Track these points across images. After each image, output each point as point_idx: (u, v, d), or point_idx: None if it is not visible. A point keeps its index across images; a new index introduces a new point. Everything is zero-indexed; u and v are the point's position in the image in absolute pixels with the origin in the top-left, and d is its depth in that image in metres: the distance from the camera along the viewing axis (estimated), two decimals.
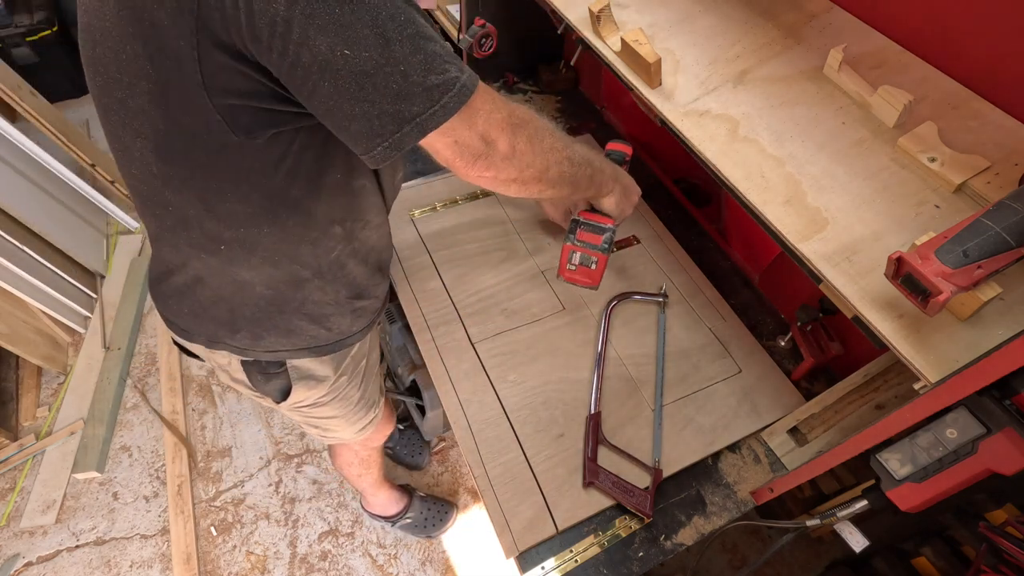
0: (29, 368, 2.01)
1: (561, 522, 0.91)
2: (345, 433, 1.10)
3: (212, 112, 0.57)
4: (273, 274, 0.76)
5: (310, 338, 0.85)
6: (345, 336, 0.89)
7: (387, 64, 0.52)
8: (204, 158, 0.62)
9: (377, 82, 0.53)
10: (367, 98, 0.54)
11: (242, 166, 0.63)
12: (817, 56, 0.89)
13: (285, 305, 0.80)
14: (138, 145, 0.63)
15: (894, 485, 0.67)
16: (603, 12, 0.96)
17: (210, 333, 0.82)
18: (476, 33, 1.50)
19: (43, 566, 1.65)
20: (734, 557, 1.61)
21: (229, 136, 0.59)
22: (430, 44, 0.55)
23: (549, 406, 1.03)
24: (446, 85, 0.56)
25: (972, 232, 0.57)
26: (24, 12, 2.62)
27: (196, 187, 0.65)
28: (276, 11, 0.48)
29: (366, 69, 0.52)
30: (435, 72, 0.55)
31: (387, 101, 0.54)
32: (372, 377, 1.06)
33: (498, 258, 1.24)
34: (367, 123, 0.55)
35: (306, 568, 1.65)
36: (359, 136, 0.57)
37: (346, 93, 0.53)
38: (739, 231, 1.28)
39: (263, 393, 0.91)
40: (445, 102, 0.56)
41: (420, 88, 0.55)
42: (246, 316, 0.79)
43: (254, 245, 0.71)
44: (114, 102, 0.61)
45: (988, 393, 0.59)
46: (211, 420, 1.94)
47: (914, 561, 1.21)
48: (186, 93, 0.56)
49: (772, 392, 1.07)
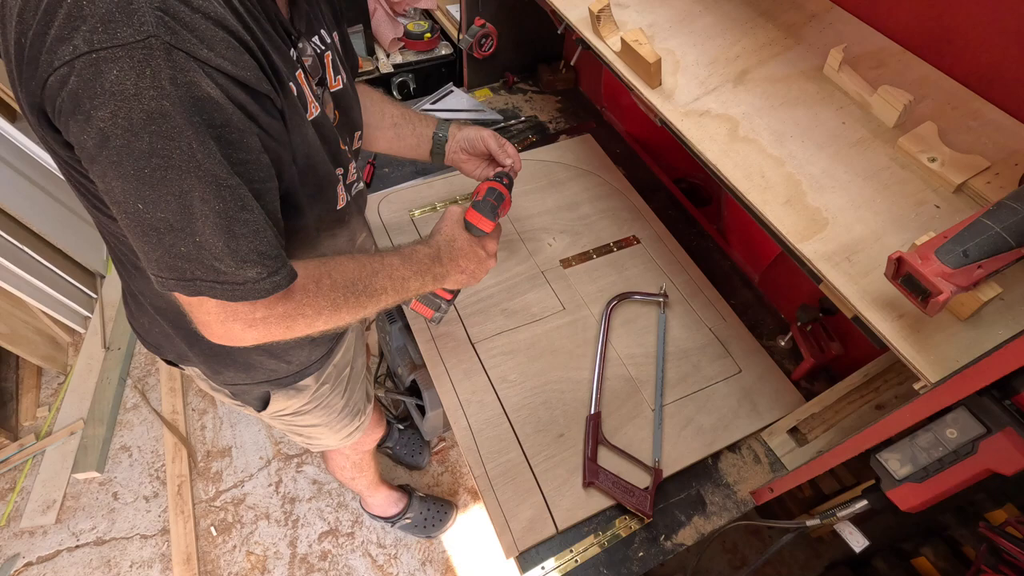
0: (29, 368, 2.01)
1: (561, 522, 0.91)
2: (330, 441, 1.10)
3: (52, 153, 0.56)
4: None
5: (270, 371, 0.84)
6: (305, 367, 0.88)
7: (182, 231, 0.51)
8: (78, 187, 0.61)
9: (165, 240, 0.51)
10: (150, 244, 0.52)
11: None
12: (817, 56, 0.89)
13: None
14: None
15: (894, 485, 0.67)
16: (603, 12, 0.96)
17: (178, 351, 0.83)
18: (476, 33, 1.50)
19: (43, 566, 1.65)
20: (734, 557, 1.61)
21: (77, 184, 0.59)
22: (240, 241, 0.53)
23: (549, 406, 1.03)
24: (234, 278, 0.54)
25: (972, 232, 0.57)
26: None
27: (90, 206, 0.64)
28: (85, 142, 0.48)
29: (157, 227, 0.51)
30: (227, 263, 0.53)
31: (170, 256, 0.53)
32: (357, 384, 1.05)
33: (498, 258, 1.24)
34: (146, 258, 0.54)
35: (306, 568, 1.65)
36: (142, 260, 0.55)
37: (133, 232, 0.52)
38: (739, 231, 1.28)
39: (243, 402, 0.91)
40: (226, 288, 0.55)
41: (208, 264, 0.53)
42: (201, 350, 0.79)
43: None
44: None
45: (988, 393, 0.59)
46: (211, 420, 1.94)
47: (914, 561, 1.21)
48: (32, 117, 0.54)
49: (772, 392, 1.07)
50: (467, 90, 1.68)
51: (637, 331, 1.14)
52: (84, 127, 0.47)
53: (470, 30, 1.50)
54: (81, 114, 0.46)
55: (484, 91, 1.68)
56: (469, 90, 1.68)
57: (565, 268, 1.23)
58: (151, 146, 0.47)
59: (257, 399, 0.90)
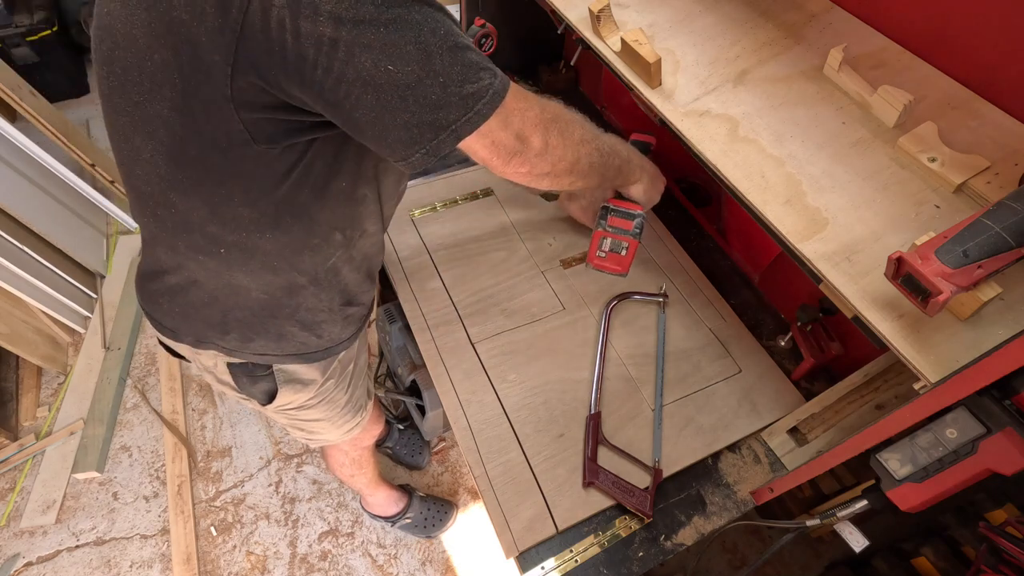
0: (29, 368, 2.01)
1: (561, 522, 0.91)
2: (331, 436, 1.10)
3: (236, 122, 0.58)
4: (271, 280, 0.76)
5: (300, 344, 0.85)
6: (335, 343, 0.89)
7: (428, 76, 0.55)
8: (218, 164, 0.63)
9: (418, 94, 0.55)
10: (408, 109, 0.56)
11: (255, 173, 0.64)
12: (817, 56, 0.89)
13: (279, 311, 0.80)
14: (149, 147, 0.64)
15: (894, 485, 0.67)
16: (603, 12, 0.96)
17: (198, 333, 0.82)
18: (476, 33, 1.50)
19: (43, 566, 1.65)
20: (734, 557, 1.61)
21: (249, 145, 0.60)
22: (466, 54, 0.58)
23: (549, 406, 1.03)
24: (480, 92, 0.59)
25: (972, 232, 0.57)
26: (24, 12, 2.62)
27: (204, 191, 0.66)
28: (323, 32, 0.50)
29: (408, 82, 0.55)
30: (470, 81, 0.58)
31: (426, 111, 0.57)
32: (360, 381, 1.06)
33: (498, 258, 1.24)
34: (407, 132, 0.58)
35: (306, 568, 1.65)
36: (397, 144, 0.59)
37: (388, 105, 0.55)
38: (739, 231, 1.28)
39: (248, 395, 0.91)
40: (479, 108, 0.59)
41: (457, 97, 0.57)
42: (238, 319, 0.80)
43: (254, 250, 0.72)
44: (128, 104, 0.62)
45: (988, 393, 0.59)
46: (211, 420, 1.94)
47: (914, 561, 1.21)
48: (212, 103, 0.57)
49: (772, 392, 1.07)
50: None
51: (637, 331, 1.14)
52: (314, 20, 0.50)
53: (470, 30, 1.50)
54: (306, 8, 0.49)
55: None
56: None
57: (565, 268, 1.23)
58: (375, 5, 0.51)
59: (263, 392, 0.90)
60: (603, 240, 1.02)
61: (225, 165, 0.63)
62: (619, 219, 1.00)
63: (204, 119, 0.59)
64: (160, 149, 0.63)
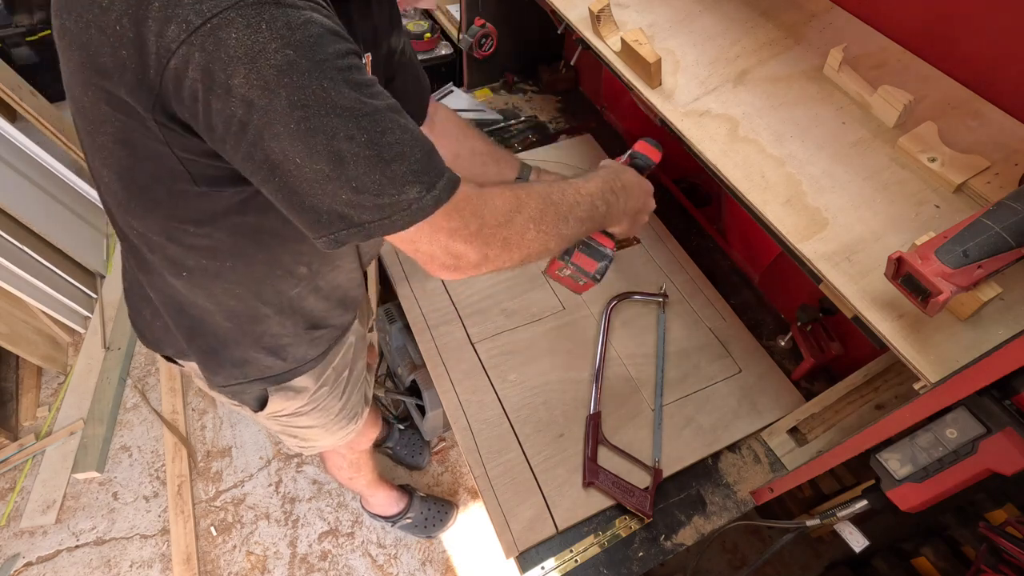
0: (29, 368, 2.01)
1: (561, 522, 0.91)
2: (324, 442, 1.09)
3: (176, 162, 0.56)
4: (233, 307, 0.75)
5: (264, 368, 0.84)
6: (300, 364, 0.88)
7: (338, 179, 0.51)
8: (165, 198, 0.61)
9: (327, 190, 0.52)
10: (316, 195, 0.53)
11: (204, 208, 0.63)
12: (817, 56, 0.89)
13: (242, 338, 0.80)
14: (104, 174, 0.63)
15: (894, 485, 0.67)
16: (603, 12, 0.96)
17: (176, 346, 0.83)
18: (476, 33, 1.50)
19: (43, 566, 1.65)
20: (734, 557, 1.61)
21: (191, 184, 0.59)
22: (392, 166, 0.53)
23: (549, 406, 1.03)
24: (398, 205, 0.54)
25: (972, 232, 0.57)
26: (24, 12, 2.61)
27: (159, 219, 0.65)
28: (233, 112, 0.48)
29: (316, 178, 0.51)
30: (388, 194, 0.53)
31: (336, 204, 0.53)
32: (356, 388, 1.05)
33: None
34: (315, 215, 0.54)
35: (306, 568, 1.65)
36: (304, 225, 0.56)
37: (294, 191, 0.52)
38: (739, 231, 1.28)
39: (240, 402, 0.91)
40: (396, 218, 0.55)
41: (371, 204, 0.53)
42: (199, 347, 0.79)
43: (216, 276, 0.71)
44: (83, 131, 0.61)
45: (988, 393, 0.59)
46: (211, 420, 1.94)
47: (914, 561, 1.21)
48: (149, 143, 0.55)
49: (772, 392, 1.07)
50: (467, 90, 1.68)
51: (637, 331, 1.14)
52: (226, 100, 0.47)
53: (470, 30, 1.50)
54: (219, 88, 0.46)
55: (484, 91, 1.68)
56: (469, 90, 1.68)
57: None
58: (289, 100, 0.47)
59: (255, 399, 0.90)
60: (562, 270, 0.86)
61: (172, 199, 0.61)
62: (585, 256, 0.83)
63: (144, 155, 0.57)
64: (113, 177, 0.62)
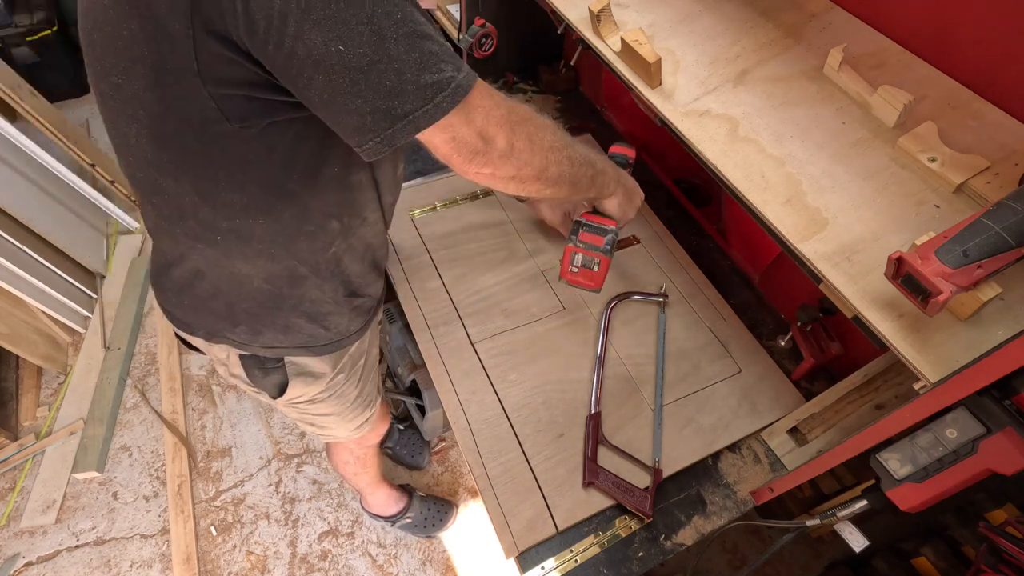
0: (29, 368, 2.01)
1: (561, 522, 0.91)
2: (340, 431, 1.10)
3: (207, 99, 0.57)
4: (271, 268, 0.76)
5: (308, 336, 0.85)
6: (343, 336, 0.89)
7: (381, 61, 0.53)
8: (198, 145, 0.62)
9: (371, 78, 0.53)
10: (360, 94, 0.54)
11: (236, 154, 0.63)
12: (817, 56, 0.89)
13: (283, 302, 0.80)
14: (133, 131, 0.63)
15: (894, 485, 0.67)
16: (603, 12, 0.96)
17: (209, 326, 0.82)
18: (476, 33, 1.50)
19: (43, 566, 1.65)
20: (734, 557, 1.61)
21: (223, 124, 0.59)
22: (426, 42, 0.55)
23: (549, 406, 1.03)
24: (440, 84, 0.56)
25: (972, 232, 0.57)
26: (24, 12, 2.62)
27: (190, 174, 0.65)
28: (272, 4, 0.49)
29: (360, 65, 0.52)
30: (429, 71, 0.55)
31: (380, 98, 0.54)
32: (371, 376, 1.06)
33: (498, 258, 1.24)
34: (360, 118, 0.56)
35: (306, 568, 1.65)
36: (351, 130, 0.58)
37: (339, 88, 0.54)
38: (739, 231, 1.28)
39: (260, 388, 0.91)
40: (439, 100, 0.57)
41: (414, 86, 0.55)
42: (245, 310, 0.80)
43: (249, 237, 0.71)
44: (110, 87, 0.61)
45: (988, 393, 0.59)
46: (211, 420, 1.94)
47: (914, 561, 1.21)
48: (181, 79, 0.56)
49: (772, 392, 1.07)
50: None
51: (637, 331, 1.14)
52: None
53: (470, 30, 1.50)
54: None
55: None
56: None
57: None
58: None
59: (274, 385, 0.91)
60: (575, 255, 0.98)
61: (203, 146, 0.62)
62: (591, 234, 0.96)
63: (176, 96, 0.58)
64: (143, 132, 0.62)
